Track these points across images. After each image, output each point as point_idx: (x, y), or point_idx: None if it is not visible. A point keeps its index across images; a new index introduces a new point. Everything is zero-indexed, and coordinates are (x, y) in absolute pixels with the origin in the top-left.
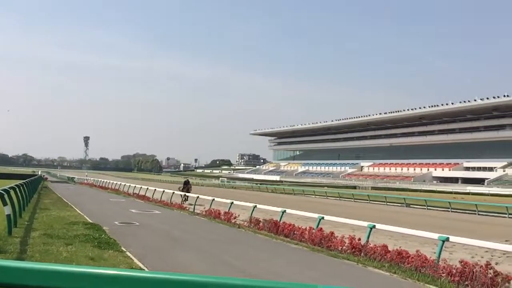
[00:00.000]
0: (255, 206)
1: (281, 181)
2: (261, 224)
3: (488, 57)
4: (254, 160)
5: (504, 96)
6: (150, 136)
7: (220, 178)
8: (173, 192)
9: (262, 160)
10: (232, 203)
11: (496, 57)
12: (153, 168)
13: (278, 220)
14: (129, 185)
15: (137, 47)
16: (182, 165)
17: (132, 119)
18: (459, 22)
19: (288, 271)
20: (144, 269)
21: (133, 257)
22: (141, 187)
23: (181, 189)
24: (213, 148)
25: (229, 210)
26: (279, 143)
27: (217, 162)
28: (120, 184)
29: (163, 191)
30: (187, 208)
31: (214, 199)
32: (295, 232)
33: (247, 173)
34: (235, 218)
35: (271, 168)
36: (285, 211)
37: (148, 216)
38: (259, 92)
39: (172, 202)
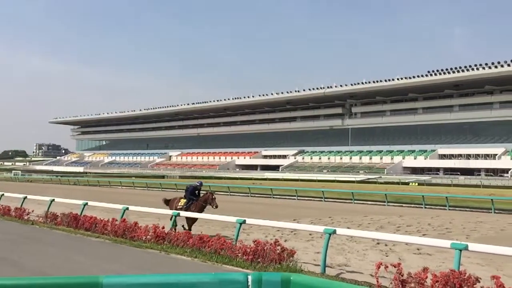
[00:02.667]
0: (53, 200)
1: (86, 173)
2: (59, 219)
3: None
4: (54, 151)
5: (296, 91)
6: None
7: (13, 171)
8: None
9: (64, 151)
10: (25, 197)
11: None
12: None
13: (79, 214)
14: None
15: None
16: None
17: None
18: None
19: (86, 266)
20: None
21: None
22: None
23: (180, 204)
24: (4, 138)
25: (21, 206)
26: (83, 133)
27: (10, 154)
28: None
29: None
30: None
31: (3, 194)
32: (97, 225)
33: (46, 164)
34: (28, 214)
35: (74, 159)
36: (86, 203)
37: None
38: (60, 78)
39: None
